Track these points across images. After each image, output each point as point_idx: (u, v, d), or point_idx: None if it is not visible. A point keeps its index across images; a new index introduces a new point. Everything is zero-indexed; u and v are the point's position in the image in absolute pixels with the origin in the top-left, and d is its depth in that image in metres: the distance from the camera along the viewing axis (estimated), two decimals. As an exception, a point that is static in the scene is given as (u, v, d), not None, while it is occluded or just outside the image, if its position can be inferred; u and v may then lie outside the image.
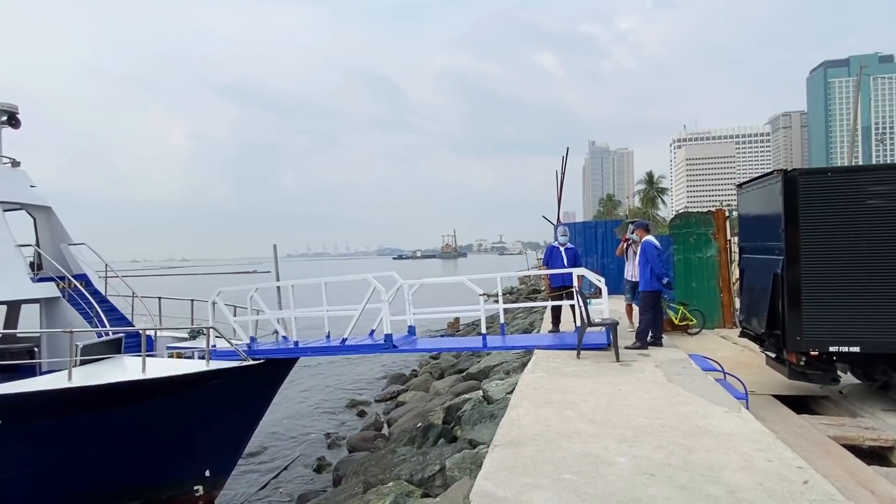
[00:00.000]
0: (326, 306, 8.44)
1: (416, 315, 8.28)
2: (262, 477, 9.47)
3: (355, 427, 11.99)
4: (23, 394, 6.75)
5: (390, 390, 14.89)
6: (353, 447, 10.31)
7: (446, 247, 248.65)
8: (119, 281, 12.12)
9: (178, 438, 7.60)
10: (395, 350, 7.79)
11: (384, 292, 7.59)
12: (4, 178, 11.80)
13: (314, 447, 10.94)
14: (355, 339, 8.13)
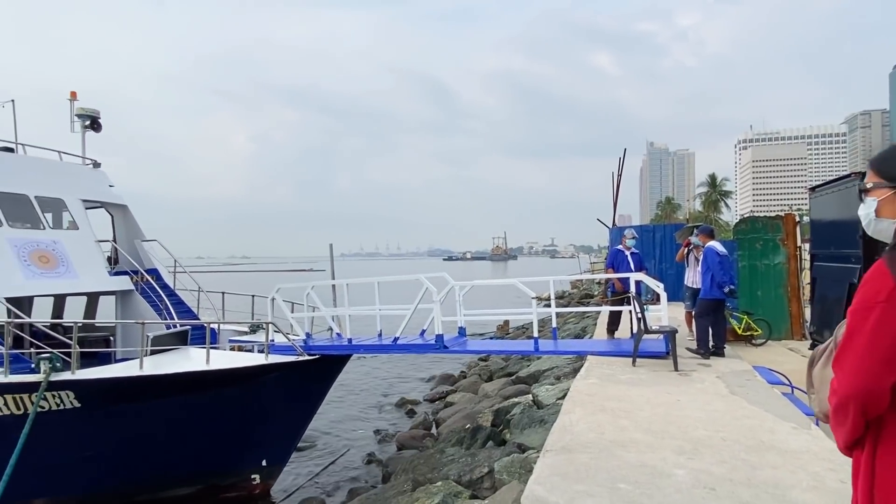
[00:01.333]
0: (379, 305, 8.61)
1: (466, 316, 8.31)
2: (314, 468, 9.75)
3: (404, 425, 12.14)
4: (100, 379, 7.25)
5: (439, 390, 14.98)
6: (401, 445, 10.44)
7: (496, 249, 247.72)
8: (186, 276, 12.83)
9: (237, 428, 7.94)
10: (445, 350, 7.84)
11: (436, 293, 7.65)
12: (86, 179, 12.75)
13: (364, 442, 11.16)
14: (407, 339, 8.25)
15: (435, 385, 16.02)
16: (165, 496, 8.14)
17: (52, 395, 6.99)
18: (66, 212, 11.71)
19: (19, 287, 9.75)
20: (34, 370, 7.19)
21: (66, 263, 10.79)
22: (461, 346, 8.15)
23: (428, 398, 14.53)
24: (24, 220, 10.74)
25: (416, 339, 8.31)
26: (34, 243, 10.50)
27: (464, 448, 8.00)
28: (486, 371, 15.19)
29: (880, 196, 1.51)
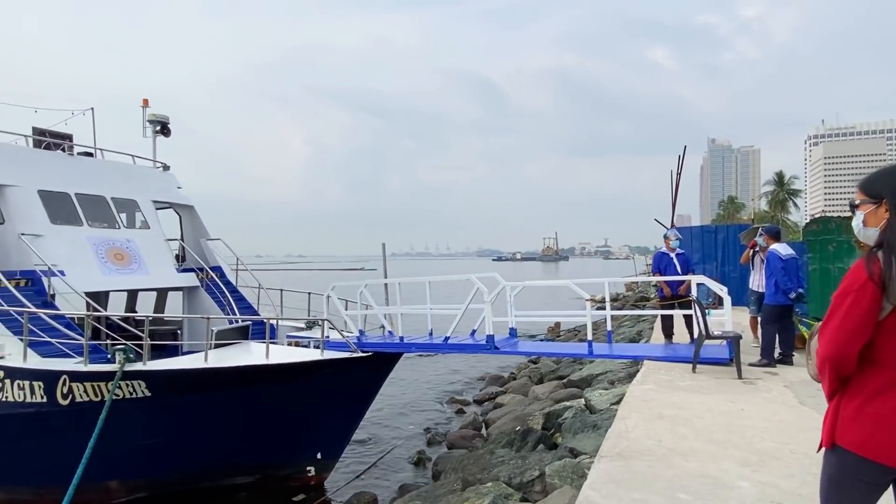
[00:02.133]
0: (430, 304, 8.68)
1: (517, 317, 8.24)
2: (365, 463, 9.94)
3: (454, 424, 12.18)
4: (169, 370, 7.68)
5: (489, 391, 14.93)
6: (451, 444, 10.48)
7: (547, 249, 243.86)
8: (247, 274, 13.40)
9: (294, 421, 8.21)
10: (496, 351, 7.81)
11: (487, 293, 7.63)
12: (157, 181, 13.55)
13: (414, 440, 11.27)
14: (457, 338, 8.27)
15: (484, 385, 15.98)
16: (226, 484, 8.53)
17: (126, 383, 7.46)
18: (139, 212, 12.49)
19: (97, 282, 10.48)
20: (110, 360, 7.71)
21: (139, 260, 11.51)
22: (512, 348, 8.09)
23: (477, 398, 14.51)
24: (101, 219, 11.53)
25: (467, 339, 8.32)
26: (110, 241, 11.26)
27: (514, 450, 7.94)
28: (537, 373, 14.99)
29: (866, 210, 1.91)
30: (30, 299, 9.00)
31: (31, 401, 7.62)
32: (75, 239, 10.63)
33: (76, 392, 7.54)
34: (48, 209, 10.53)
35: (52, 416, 7.65)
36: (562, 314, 9.00)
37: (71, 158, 11.97)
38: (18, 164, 10.67)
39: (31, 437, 7.90)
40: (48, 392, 7.58)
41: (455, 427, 11.78)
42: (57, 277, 9.59)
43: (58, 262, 9.83)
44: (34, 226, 10.17)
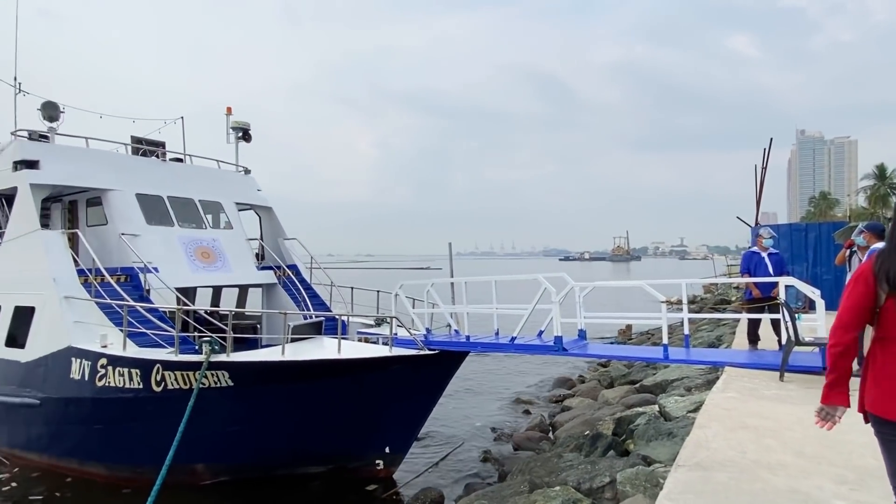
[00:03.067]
0: (496, 304, 8.63)
1: (586, 319, 8.02)
2: (431, 459, 10.05)
3: (520, 425, 12.05)
4: (250, 362, 8.12)
5: (556, 393, 14.66)
6: (518, 445, 10.38)
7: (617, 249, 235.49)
8: (320, 272, 13.95)
9: (363, 414, 8.44)
10: (564, 353, 7.64)
11: (555, 293, 7.49)
12: (239, 184, 14.41)
13: (480, 439, 11.27)
14: (524, 339, 8.17)
15: (552, 387, 15.70)
16: (300, 473, 8.91)
17: (212, 374, 7.98)
18: (223, 213, 13.34)
19: (187, 278, 11.29)
20: (197, 351, 8.27)
21: (223, 259, 12.29)
22: (581, 350, 7.89)
23: (544, 400, 14.29)
24: (190, 220, 12.43)
25: (534, 340, 8.20)
26: (198, 241, 12.10)
27: (583, 455, 7.74)
28: (607, 377, 14.54)
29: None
30: (128, 294, 9.86)
31: (130, 386, 8.33)
32: (168, 238, 11.52)
33: (168, 380, 8.16)
34: (144, 211, 11.49)
35: (146, 401, 8.32)
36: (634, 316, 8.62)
37: (164, 164, 12.99)
38: (119, 170, 11.72)
39: (129, 420, 8.63)
40: (144, 379, 8.25)
41: (521, 428, 11.66)
42: (152, 274, 10.43)
43: (153, 259, 10.70)
44: (132, 226, 11.13)
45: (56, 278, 9.54)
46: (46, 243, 9.99)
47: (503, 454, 10.03)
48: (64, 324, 9.11)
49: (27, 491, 8.70)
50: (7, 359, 9.92)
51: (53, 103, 11.51)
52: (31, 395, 9.38)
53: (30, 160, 10.70)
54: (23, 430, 9.76)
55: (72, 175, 11.06)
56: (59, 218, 12.05)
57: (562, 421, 11.28)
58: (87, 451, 9.16)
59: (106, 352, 8.55)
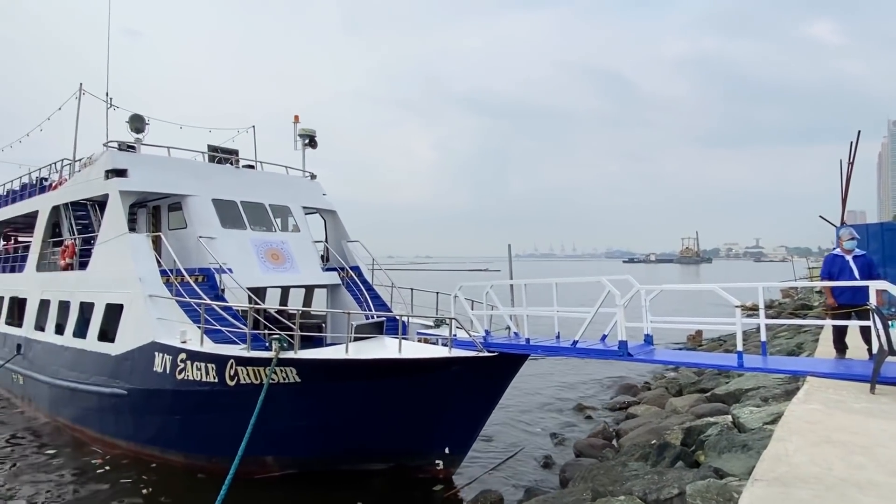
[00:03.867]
0: (557, 306, 8.47)
1: (653, 323, 7.71)
2: (491, 462, 10.00)
3: (582, 431, 11.77)
4: (316, 360, 8.41)
5: (620, 400, 14.20)
6: (580, 452, 10.14)
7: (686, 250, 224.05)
8: (381, 273, 14.25)
9: (423, 414, 8.52)
10: (629, 358, 7.39)
11: (619, 296, 7.25)
12: (306, 189, 15.00)
13: (540, 443, 11.10)
14: (586, 343, 7.97)
15: (615, 394, 15.23)
16: (362, 469, 9.12)
17: (280, 370, 8.33)
18: (291, 217, 13.93)
19: (258, 279, 11.87)
20: (267, 348, 8.66)
21: (291, 260, 12.82)
22: (647, 355, 7.59)
23: (607, 406, 13.88)
24: (261, 224, 13.06)
25: (597, 344, 7.98)
26: (268, 243, 12.69)
27: (649, 464, 7.45)
28: (675, 384, 13.93)
29: None
30: (205, 293, 10.49)
31: (206, 380, 8.85)
32: (240, 241, 12.16)
33: (241, 375, 8.60)
34: (220, 215, 12.19)
35: (221, 394, 8.80)
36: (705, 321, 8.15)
37: (237, 171, 13.73)
38: (198, 177, 12.50)
39: (205, 412, 9.16)
40: (219, 373, 8.74)
41: (583, 434, 11.37)
42: (226, 274, 11.04)
43: (227, 260, 11.33)
44: (209, 229, 11.84)
45: (142, 278, 10.29)
46: (133, 246, 10.80)
47: (564, 460, 9.83)
48: (148, 320, 9.81)
49: (118, 475, 9.42)
50: (99, 352, 10.80)
51: (140, 116, 12.44)
52: (120, 385, 10.16)
53: (119, 169, 11.62)
54: (112, 417, 10.59)
55: (156, 182, 11.92)
56: (144, 222, 13.01)
57: (626, 429, 10.91)
58: (167, 440, 9.81)
59: (185, 347, 9.12)
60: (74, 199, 13.05)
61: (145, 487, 8.94)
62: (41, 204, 14.71)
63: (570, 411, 13.58)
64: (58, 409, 12.10)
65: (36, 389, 12.95)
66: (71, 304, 12.11)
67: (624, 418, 12.37)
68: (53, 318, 12.72)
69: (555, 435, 11.53)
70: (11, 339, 14.39)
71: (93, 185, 12.21)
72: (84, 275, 11.92)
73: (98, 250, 11.74)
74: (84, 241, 12.47)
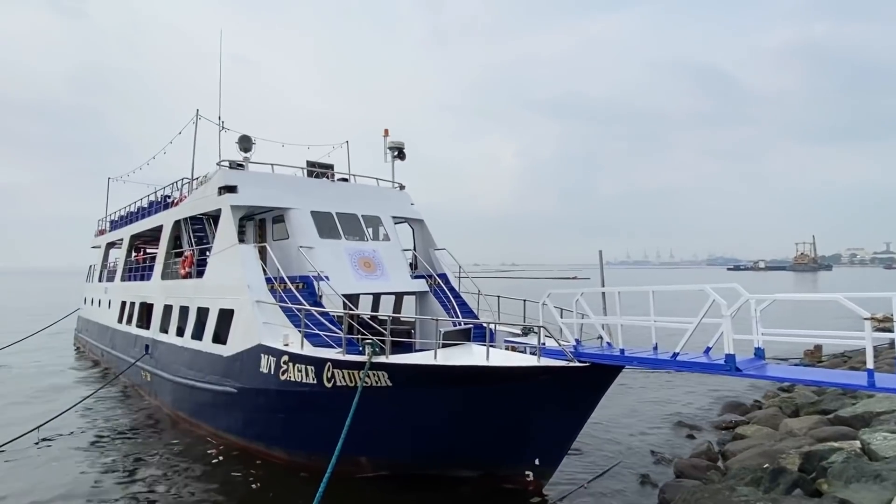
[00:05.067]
0: (654, 316, 8.02)
1: (765, 336, 7.07)
2: (584, 476, 9.65)
3: (683, 450, 11.02)
4: (407, 364, 8.61)
5: (726, 418, 13.15)
6: (681, 472, 9.51)
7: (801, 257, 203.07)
8: (468, 280, 14.36)
9: (511, 423, 8.42)
10: (737, 373, 6.83)
11: (725, 306, 6.74)
12: (395, 199, 15.53)
13: (636, 460, 10.54)
14: (688, 355, 7.47)
15: (721, 412, 14.14)
16: (451, 476, 9.17)
17: (373, 373, 8.63)
18: (382, 226, 14.49)
19: (352, 286, 12.43)
20: (360, 352, 9.01)
21: (382, 268, 13.31)
22: (758, 371, 6.96)
23: (712, 425, 12.91)
24: (354, 233, 13.69)
25: (700, 357, 7.46)
26: (361, 252, 13.27)
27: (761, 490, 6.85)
28: (790, 404, 12.68)
29: None
30: (305, 299, 11.16)
31: (305, 381, 9.37)
32: (336, 250, 12.83)
33: (337, 377, 9.02)
34: (318, 226, 12.95)
35: (319, 395, 9.28)
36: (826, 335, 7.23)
37: (332, 184, 14.53)
38: (298, 191, 13.39)
39: (305, 411, 9.70)
40: (317, 375, 9.22)
41: (685, 453, 10.65)
42: (324, 282, 11.68)
43: (324, 269, 11.99)
44: (308, 240, 12.61)
45: (250, 285, 11.16)
46: (242, 255, 11.75)
47: (664, 480, 9.27)
48: (256, 324, 10.60)
49: (230, 468, 10.21)
50: (213, 353, 11.83)
51: (247, 136, 13.57)
52: (230, 384, 11.04)
53: (230, 185, 12.74)
54: (224, 413, 11.52)
55: (262, 197, 12.92)
56: (251, 233, 14.12)
57: (734, 450, 10.09)
58: (271, 437, 10.49)
59: (287, 350, 9.73)
60: (193, 214, 14.46)
61: (254, 482, 9.59)
62: (165, 219, 16.45)
63: (669, 427, 12.79)
64: (178, 403, 13.39)
65: (160, 385, 14.43)
66: (190, 308, 13.39)
67: (731, 438, 11.45)
68: (175, 322, 14.14)
69: (653, 452, 10.90)
70: (141, 340, 16.18)
71: (208, 200, 13.47)
72: (200, 282, 13.14)
73: (212, 260, 12.90)
74: (201, 251, 13.76)
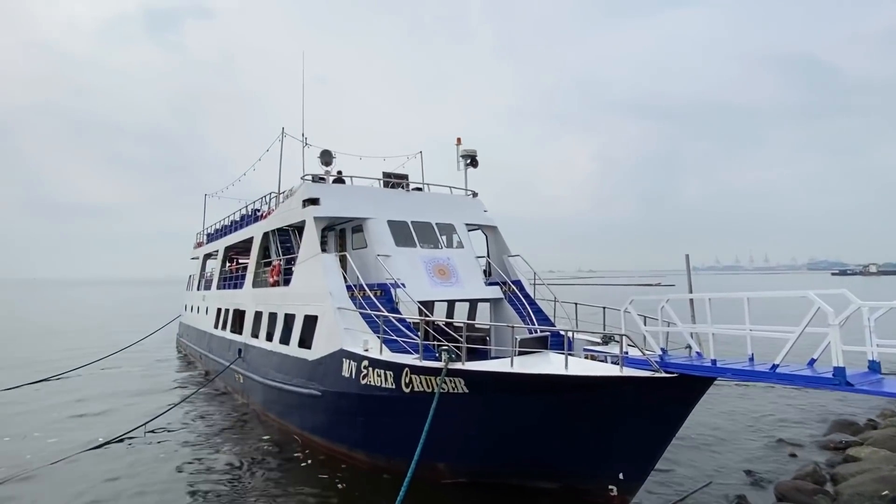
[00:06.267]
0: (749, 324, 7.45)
1: (882, 348, 6.35)
2: (673, 495, 9.12)
3: (784, 470, 10.13)
4: (484, 371, 8.55)
5: (835, 438, 11.94)
6: (782, 495, 8.74)
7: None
8: (543, 287, 14.10)
9: (592, 434, 8.12)
10: (848, 388, 6.17)
11: (832, 314, 6.13)
12: (468, 206, 15.60)
13: (730, 480, 9.81)
14: (789, 367, 6.86)
15: (828, 430, 12.86)
16: (531, 486, 8.98)
17: (450, 379, 8.66)
18: (455, 234, 14.59)
19: (427, 293, 12.60)
20: (437, 358, 9.08)
21: (456, 275, 13.38)
22: (873, 386, 6.25)
23: (818, 444, 11.77)
24: (429, 241, 13.89)
25: (803, 370, 6.82)
26: (435, 259, 13.43)
27: (882, 520, 6.12)
28: (914, 424, 11.31)
29: None
30: (383, 306, 11.45)
31: (385, 386, 9.58)
32: (412, 258, 13.08)
33: (415, 382, 9.14)
34: (394, 235, 13.29)
35: (398, 400, 9.44)
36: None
37: (407, 194, 14.86)
38: (375, 201, 13.83)
39: (385, 415, 9.90)
40: (396, 380, 9.40)
41: (787, 475, 9.79)
42: (401, 289, 11.93)
43: (401, 276, 12.26)
44: (385, 248, 12.96)
45: (332, 292, 11.63)
46: (325, 264, 12.27)
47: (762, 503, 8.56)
48: (338, 330, 11.00)
49: (317, 468, 10.62)
50: (299, 357, 12.41)
51: (328, 151, 14.20)
52: (315, 387, 11.52)
53: (313, 198, 13.37)
54: (309, 415, 12.03)
55: (342, 208, 13.47)
56: (332, 243, 14.72)
57: (845, 474, 9.15)
58: (353, 439, 10.81)
59: (367, 355, 10.01)
60: (279, 226, 15.32)
61: (339, 482, 9.90)
62: (255, 231, 17.55)
63: (768, 446, 11.81)
64: (268, 405, 14.16)
65: (251, 387, 15.34)
66: (278, 315, 14.16)
67: (841, 460, 10.38)
68: (265, 327, 15.00)
69: (750, 472, 10.10)
70: (234, 344, 17.30)
71: (293, 213, 14.22)
72: (287, 290, 13.86)
73: (297, 269, 13.58)
74: (287, 261, 14.53)
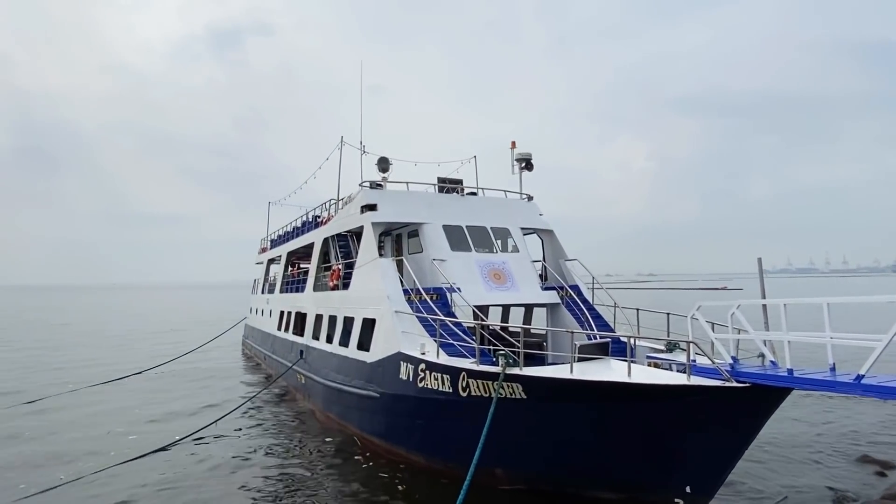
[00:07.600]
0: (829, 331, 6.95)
1: None
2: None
3: (871, 489, 9.37)
4: (543, 377, 8.44)
5: (931, 456, 10.92)
6: (871, 516, 8.08)
7: None
8: (602, 292, 13.75)
9: (657, 445, 7.82)
10: (948, 401, 5.64)
11: (926, 320, 5.62)
12: (523, 210, 15.48)
13: (809, 497, 9.18)
14: (877, 378, 6.34)
15: (922, 447, 11.78)
16: (590, 496, 8.74)
17: (507, 385, 8.59)
18: (511, 238, 14.50)
19: (482, 297, 12.59)
20: (493, 363, 9.03)
21: (511, 280, 13.29)
22: (978, 399, 5.68)
23: (912, 462, 10.80)
24: (483, 245, 13.89)
25: (893, 381, 6.29)
26: (490, 264, 13.40)
27: None
28: None
29: None
30: (439, 310, 11.53)
31: (442, 389, 9.62)
32: (467, 262, 13.12)
33: (472, 387, 9.13)
34: (449, 239, 13.38)
35: (455, 404, 9.46)
36: None
37: (462, 198, 14.92)
38: (430, 207, 13.99)
39: (442, 419, 9.94)
40: (453, 384, 9.42)
41: (875, 494, 9.05)
42: (456, 293, 11.98)
43: (456, 280, 12.32)
44: (440, 253, 13.06)
45: (389, 296, 11.83)
46: (382, 268, 12.52)
47: (849, 524, 7.94)
48: (395, 333, 11.17)
49: (376, 471, 10.78)
50: (358, 359, 12.69)
51: (385, 158, 14.52)
52: (374, 389, 11.74)
53: (371, 204, 13.69)
54: (368, 416, 12.27)
55: (398, 213, 13.71)
56: (389, 248, 15.00)
57: (945, 495, 8.33)
58: (411, 442, 10.92)
59: (424, 358, 10.10)
60: (339, 232, 15.77)
61: (399, 484, 10.01)
62: (315, 237, 18.15)
63: (850, 460, 10.97)
64: (328, 405, 14.56)
65: (312, 387, 15.82)
66: (337, 318, 14.55)
67: (939, 481, 9.47)
68: (325, 329, 15.45)
69: (832, 489, 9.41)
70: (296, 346, 17.92)
71: (351, 219, 14.61)
72: (346, 294, 14.23)
73: (356, 273, 13.92)
74: (346, 265, 14.92)
